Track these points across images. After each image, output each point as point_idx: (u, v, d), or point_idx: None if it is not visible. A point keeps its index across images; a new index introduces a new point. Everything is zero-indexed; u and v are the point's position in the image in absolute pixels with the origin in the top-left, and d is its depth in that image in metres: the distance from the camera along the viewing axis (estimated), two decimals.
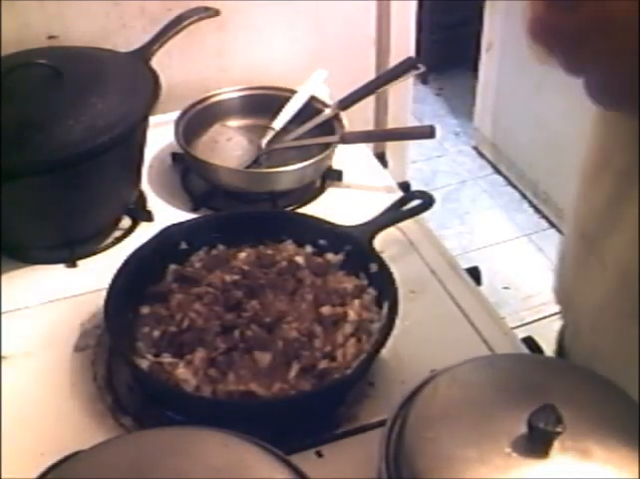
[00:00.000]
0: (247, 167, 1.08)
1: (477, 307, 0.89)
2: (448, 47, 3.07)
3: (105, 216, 1.01)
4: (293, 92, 1.15)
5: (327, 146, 1.08)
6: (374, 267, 0.83)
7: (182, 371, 0.75)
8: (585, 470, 0.52)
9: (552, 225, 2.47)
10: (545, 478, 0.52)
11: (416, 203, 0.91)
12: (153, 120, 1.00)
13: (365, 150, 1.17)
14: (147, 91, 0.95)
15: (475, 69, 2.79)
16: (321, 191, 1.08)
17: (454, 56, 3.09)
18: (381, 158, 1.19)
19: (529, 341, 0.86)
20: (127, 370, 0.80)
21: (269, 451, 0.57)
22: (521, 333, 0.87)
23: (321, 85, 1.18)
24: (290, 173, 1.03)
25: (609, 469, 0.52)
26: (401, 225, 0.94)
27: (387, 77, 1.18)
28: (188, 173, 1.11)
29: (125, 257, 0.83)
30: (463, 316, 0.88)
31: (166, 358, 0.77)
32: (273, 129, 1.13)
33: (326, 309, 0.81)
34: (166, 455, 0.55)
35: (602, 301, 0.72)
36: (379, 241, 0.88)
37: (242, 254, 0.88)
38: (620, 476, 0.52)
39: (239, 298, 0.81)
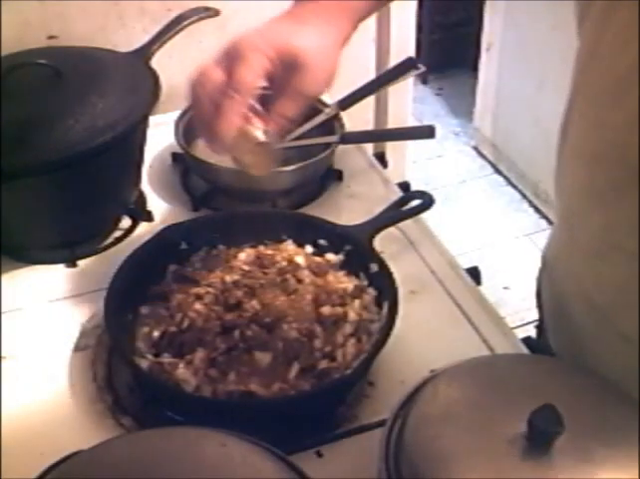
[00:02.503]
0: None
1: (476, 307, 0.89)
2: (448, 47, 3.07)
3: (105, 216, 1.01)
4: None
5: (327, 146, 1.07)
6: (374, 267, 0.83)
7: (182, 371, 0.75)
8: (585, 470, 0.52)
9: (552, 225, 2.47)
10: (545, 478, 0.52)
11: (416, 203, 0.91)
12: (153, 120, 1.00)
13: (365, 150, 1.17)
14: (147, 91, 0.95)
15: (475, 69, 2.80)
16: (321, 191, 1.08)
17: (454, 56, 3.09)
18: (381, 158, 1.19)
19: (529, 341, 0.86)
20: (127, 370, 0.80)
21: (269, 451, 0.56)
22: (521, 333, 0.87)
23: None
24: (290, 173, 1.03)
25: (609, 469, 0.52)
26: (401, 225, 0.94)
27: (387, 77, 1.18)
28: (188, 173, 1.11)
29: (125, 257, 0.83)
30: (463, 316, 0.88)
31: (166, 358, 0.77)
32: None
33: (326, 309, 0.81)
34: (166, 455, 0.55)
35: (630, 371, 0.71)
36: (379, 241, 0.88)
37: (242, 254, 0.88)
38: (620, 476, 0.52)
39: (239, 298, 0.81)
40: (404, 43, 1.42)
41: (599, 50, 0.64)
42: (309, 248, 0.89)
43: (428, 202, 0.90)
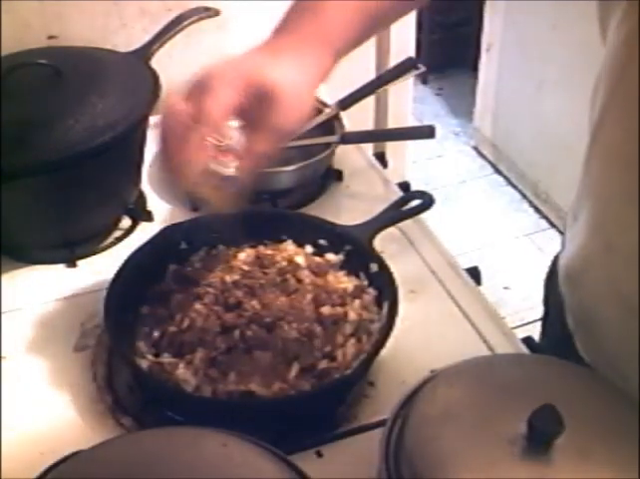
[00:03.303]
0: None
1: (477, 307, 0.89)
2: (448, 47, 3.07)
3: (105, 215, 1.01)
4: None
5: (327, 146, 1.07)
6: (374, 267, 0.83)
7: (182, 371, 0.75)
8: (585, 470, 0.52)
9: (552, 225, 2.47)
10: (545, 478, 0.52)
11: (416, 203, 0.91)
12: (153, 120, 1.00)
13: (365, 150, 1.17)
14: (147, 91, 0.95)
15: (475, 69, 2.80)
16: (321, 191, 1.08)
17: (454, 56, 3.09)
18: (381, 158, 1.19)
19: (529, 341, 0.86)
20: (127, 370, 0.80)
21: (269, 451, 0.57)
22: (521, 333, 0.87)
23: (321, 85, 1.18)
24: (290, 173, 1.03)
25: (609, 469, 0.52)
26: (401, 225, 0.94)
27: (387, 77, 1.18)
28: None
29: (125, 257, 0.83)
30: (463, 316, 0.88)
31: (166, 358, 0.77)
32: None
33: (326, 309, 0.81)
34: (166, 455, 0.55)
35: None
36: (379, 241, 0.88)
37: (242, 254, 0.88)
38: (620, 476, 0.52)
39: (239, 298, 0.81)
40: (404, 43, 1.42)
41: (633, 57, 0.62)
42: (309, 248, 0.89)
43: (428, 202, 0.90)
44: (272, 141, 0.66)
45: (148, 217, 1.02)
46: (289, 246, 0.89)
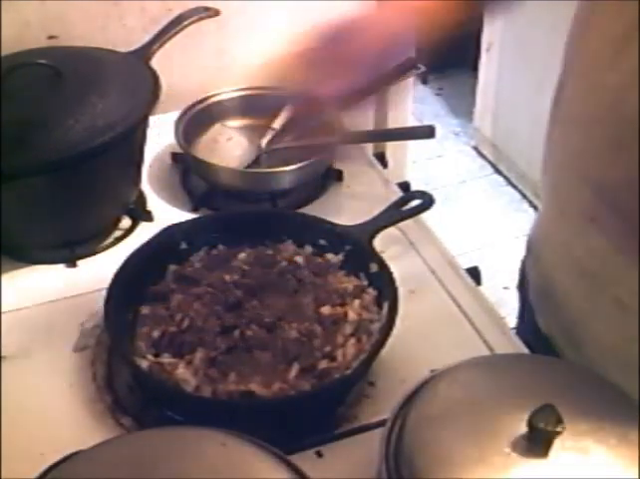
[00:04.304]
0: (247, 167, 1.08)
1: (477, 307, 0.89)
2: (448, 47, 3.07)
3: (105, 216, 1.01)
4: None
5: (327, 146, 1.07)
6: (374, 267, 0.83)
7: (182, 371, 0.75)
8: (585, 470, 0.52)
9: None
10: (545, 478, 0.52)
11: (416, 203, 0.91)
12: (153, 120, 1.00)
13: (365, 150, 1.17)
14: (147, 91, 0.95)
15: (475, 69, 2.79)
16: (321, 191, 1.08)
17: (454, 56, 3.09)
18: (381, 158, 1.19)
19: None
20: (126, 370, 0.80)
21: (269, 451, 0.56)
22: None
23: None
24: (290, 173, 1.03)
25: (609, 469, 0.52)
26: (401, 225, 0.94)
27: (387, 77, 1.18)
28: (188, 173, 1.11)
29: (125, 257, 0.83)
30: (463, 316, 0.88)
31: (166, 358, 0.77)
32: (273, 129, 1.13)
33: (326, 309, 0.81)
34: (166, 455, 0.55)
35: (624, 341, 0.71)
36: (379, 241, 0.88)
37: (242, 254, 0.88)
38: (620, 476, 0.52)
39: (239, 298, 0.81)
40: None
41: (594, 16, 0.66)
42: (309, 248, 0.89)
43: (428, 202, 0.90)
44: None
45: (148, 217, 1.02)
46: (289, 246, 0.89)
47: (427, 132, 1.08)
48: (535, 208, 2.56)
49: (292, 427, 0.72)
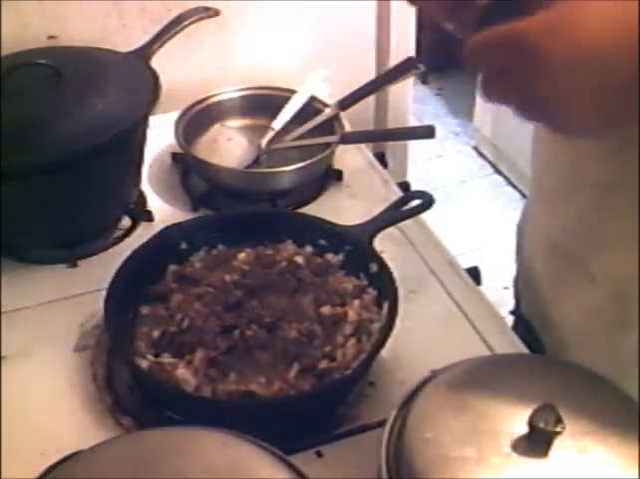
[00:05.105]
0: (247, 167, 1.08)
1: (477, 307, 0.89)
2: (448, 47, 3.07)
3: (105, 216, 1.01)
4: (293, 92, 1.15)
5: (327, 146, 1.08)
6: (374, 267, 0.83)
7: (182, 371, 0.75)
8: (585, 470, 0.52)
9: None
10: (545, 478, 0.52)
11: (416, 203, 0.91)
12: (153, 120, 1.00)
13: (365, 150, 1.17)
14: (147, 91, 0.95)
15: None
16: (321, 191, 1.08)
17: (454, 56, 3.09)
18: (381, 158, 1.19)
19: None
20: (126, 370, 0.80)
21: (269, 451, 0.56)
22: None
23: (321, 85, 1.18)
24: (290, 173, 1.03)
25: (609, 469, 0.52)
26: (401, 225, 0.94)
27: (387, 77, 1.18)
28: (188, 173, 1.11)
29: (125, 257, 0.83)
30: (463, 316, 0.88)
31: (166, 358, 0.77)
32: (273, 129, 1.13)
33: (326, 309, 0.81)
34: (166, 455, 0.55)
35: (590, 315, 0.72)
36: (379, 241, 0.88)
37: (242, 254, 0.88)
38: (620, 476, 0.52)
39: (239, 298, 0.81)
40: (404, 43, 1.42)
41: None
42: (309, 248, 0.89)
43: (428, 202, 0.90)
44: None
45: (148, 217, 1.02)
46: (289, 246, 0.89)
47: (427, 132, 1.08)
48: None
49: (292, 427, 0.73)
